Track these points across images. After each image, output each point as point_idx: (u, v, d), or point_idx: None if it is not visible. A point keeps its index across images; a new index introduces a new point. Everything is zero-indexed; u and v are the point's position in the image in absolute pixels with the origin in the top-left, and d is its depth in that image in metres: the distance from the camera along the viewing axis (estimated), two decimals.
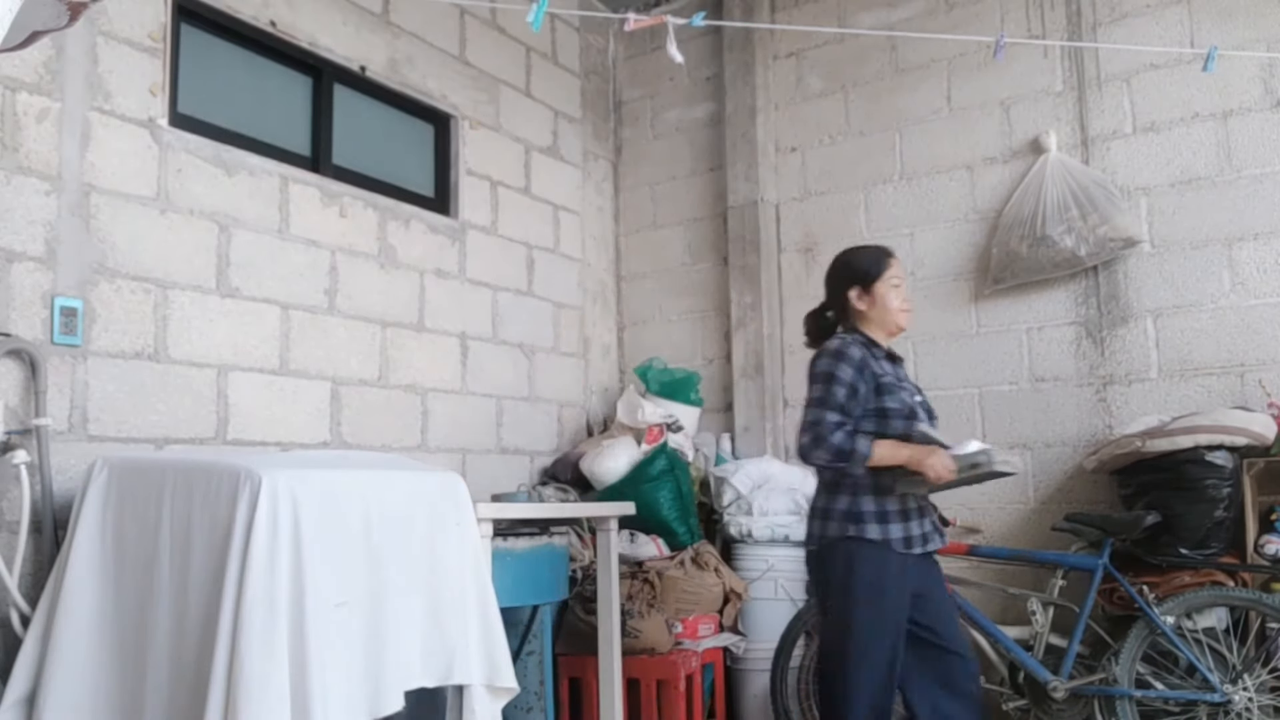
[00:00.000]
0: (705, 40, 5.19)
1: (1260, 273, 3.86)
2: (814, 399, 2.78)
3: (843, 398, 2.75)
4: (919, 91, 4.63)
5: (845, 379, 2.76)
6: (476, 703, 2.74)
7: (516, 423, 4.64)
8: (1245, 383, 3.82)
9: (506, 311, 4.66)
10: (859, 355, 2.81)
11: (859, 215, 4.77)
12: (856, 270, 2.97)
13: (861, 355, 2.82)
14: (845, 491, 2.80)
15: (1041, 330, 4.26)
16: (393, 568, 2.57)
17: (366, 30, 4.09)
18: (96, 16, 3.09)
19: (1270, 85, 3.89)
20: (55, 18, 1.95)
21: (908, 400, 2.88)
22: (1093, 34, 4.22)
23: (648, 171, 5.44)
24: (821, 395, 2.76)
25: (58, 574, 2.57)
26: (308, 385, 3.69)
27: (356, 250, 3.94)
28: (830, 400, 2.74)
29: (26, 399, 2.83)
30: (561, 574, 3.55)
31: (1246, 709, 3.27)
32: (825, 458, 2.71)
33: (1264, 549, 3.43)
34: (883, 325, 2.95)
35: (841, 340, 2.86)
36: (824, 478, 2.87)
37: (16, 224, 2.88)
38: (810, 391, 2.81)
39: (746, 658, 4.23)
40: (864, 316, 2.95)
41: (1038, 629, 3.63)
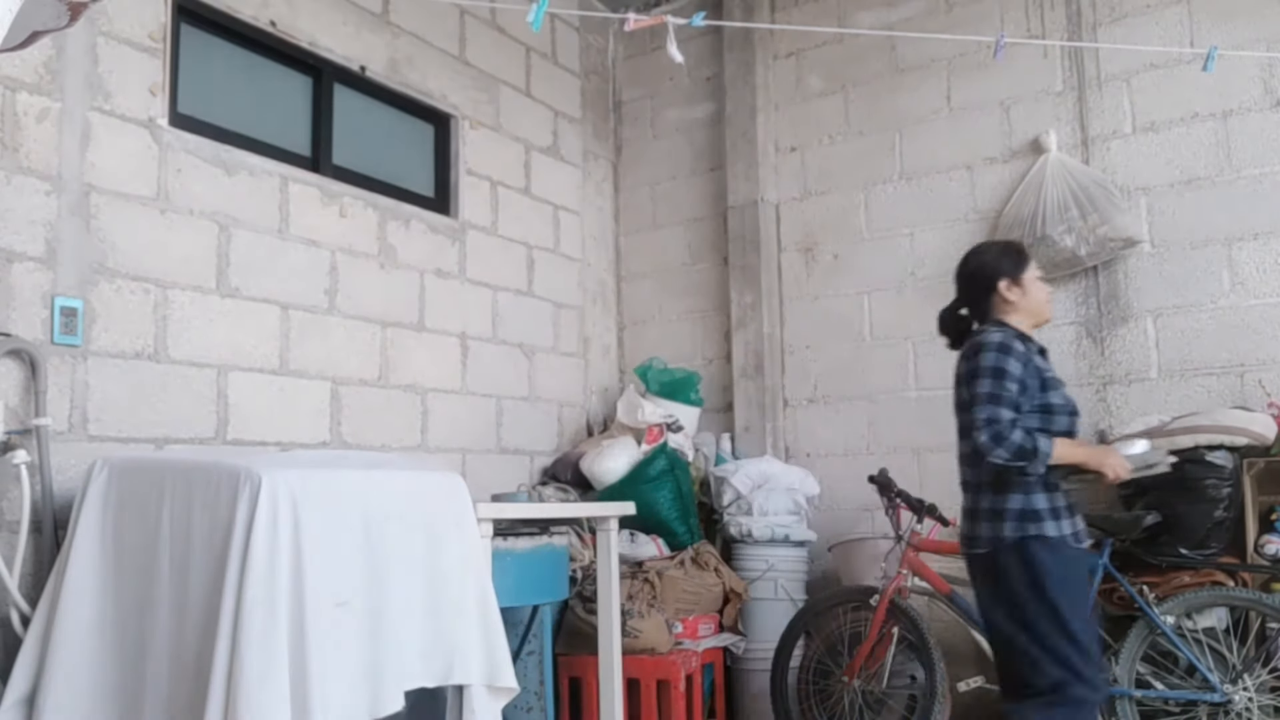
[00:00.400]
0: (705, 40, 5.19)
1: (1260, 273, 3.86)
2: (985, 394, 2.63)
3: (1015, 393, 2.63)
4: (919, 91, 4.63)
5: (1015, 373, 2.64)
6: (476, 703, 2.74)
7: (516, 423, 4.64)
8: (1245, 383, 3.82)
9: (506, 311, 4.66)
10: (1022, 349, 2.70)
11: (859, 215, 4.77)
12: (1005, 262, 2.87)
13: (1024, 349, 2.71)
14: (1016, 490, 2.65)
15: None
16: (393, 568, 2.57)
17: (366, 30, 4.09)
18: (96, 16, 3.09)
19: (1270, 85, 3.89)
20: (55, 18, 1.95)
21: (1069, 396, 2.78)
22: (1093, 34, 4.22)
23: (648, 171, 5.44)
24: (993, 390, 2.62)
25: (58, 574, 2.57)
26: (308, 385, 3.68)
27: (356, 250, 3.94)
28: (1004, 396, 2.61)
29: (26, 399, 2.83)
30: (561, 574, 3.55)
31: (1246, 709, 3.26)
32: (1005, 456, 2.57)
33: (1264, 549, 3.43)
34: (1032, 315, 2.86)
35: (1002, 333, 2.73)
36: (984, 476, 2.70)
37: (17, 224, 2.88)
38: (976, 386, 2.65)
39: (746, 658, 4.24)
40: (1013, 308, 2.84)
41: None
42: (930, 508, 3.85)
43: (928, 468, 4.46)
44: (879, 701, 3.78)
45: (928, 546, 3.80)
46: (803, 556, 4.42)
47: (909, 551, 3.77)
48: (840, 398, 4.74)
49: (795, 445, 4.83)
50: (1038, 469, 2.61)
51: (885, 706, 3.80)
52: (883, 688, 3.75)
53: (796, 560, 4.38)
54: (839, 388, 4.74)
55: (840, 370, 4.74)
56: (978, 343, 2.74)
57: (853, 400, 4.70)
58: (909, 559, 3.76)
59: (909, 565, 3.75)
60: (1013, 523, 2.64)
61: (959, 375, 2.79)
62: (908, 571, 3.75)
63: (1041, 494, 2.66)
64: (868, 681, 3.74)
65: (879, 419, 4.62)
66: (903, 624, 3.72)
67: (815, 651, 3.98)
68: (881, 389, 4.63)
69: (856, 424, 4.68)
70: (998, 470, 2.63)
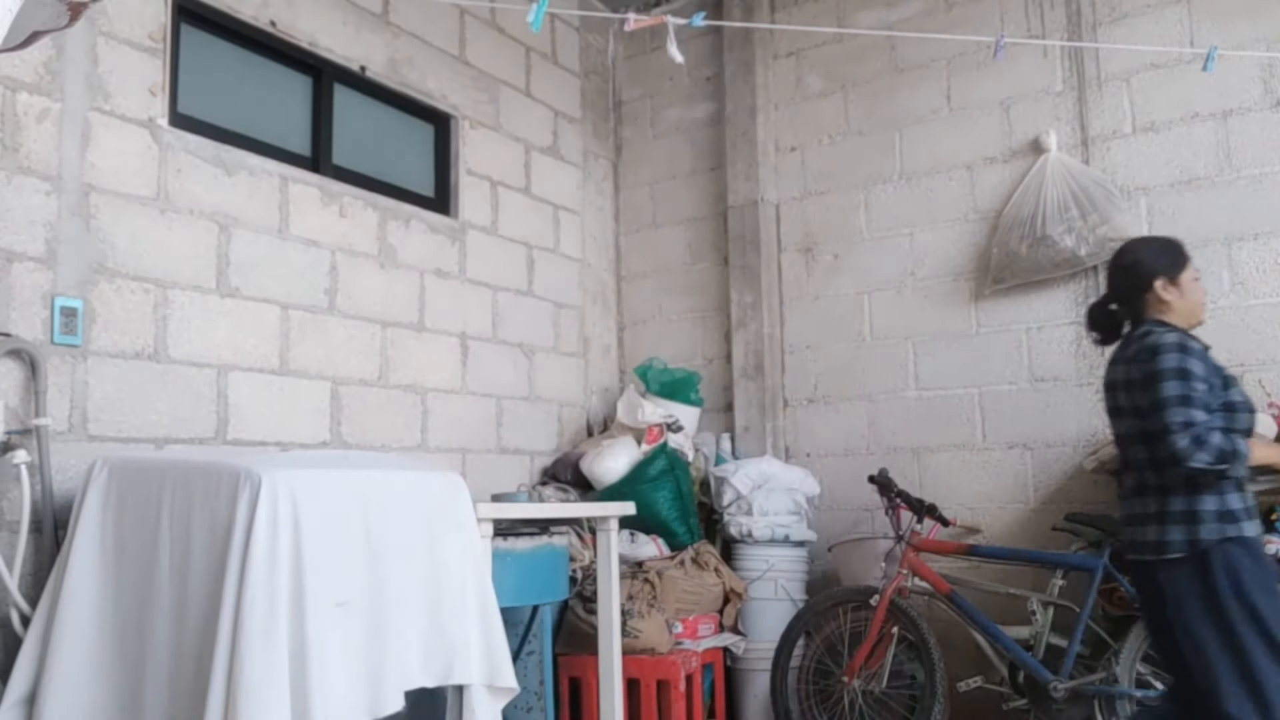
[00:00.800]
0: (705, 40, 5.19)
1: (1260, 273, 3.86)
2: (1174, 397, 2.52)
3: (1203, 393, 2.54)
4: (918, 91, 4.64)
5: (1199, 373, 2.55)
6: (476, 703, 2.74)
7: (516, 423, 4.64)
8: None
9: (506, 311, 4.66)
10: (1199, 347, 2.61)
11: (859, 215, 4.77)
12: (1163, 260, 2.77)
13: (1200, 347, 2.62)
14: (1209, 490, 2.55)
15: (1041, 330, 4.26)
16: (393, 568, 2.57)
17: (366, 30, 4.09)
18: (96, 16, 3.09)
19: (1270, 85, 3.89)
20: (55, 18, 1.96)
21: (1245, 392, 2.70)
22: (1093, 34, 4.22)
23: (648, 171, 5.44)
24: (1183, 393, 2.52)
25: (58, 574, 2.57)
26: (308, 385, 3.68)
27: (356, 250, 3.94)
28: (1194, 398, 2.52)
29: (26, 399, 2.83)
30: (561, 574, 3.55)
31: None
32: (1208, 460, 2.46)
33: None
34: (1188, 317, 2.75)
35: (1178, 334, 2.64)
36: (1171, 479, 2.59)
37: (17, 224, 2.87)
38: (1162, 390, 2.54)
39: (746, 658, 4.24)
40: (1169, 308, 2.74)
41: (1038, 629, 3.63)
42: (930, 508, 3.86)
43: (928, 468, 4.46)
44: (879, 701, 3.78)
45: (928, 546, 3.81)
46: (803, 556, 4.43)
47: (909, 551, 3.77)
48: (840, 398, 4.74)
49: (795, 445, 4.83)
50: (1240, 471, 2.54)
51: (885, 706, 3.81)
52: (883, 688, 3.76)
53: (796, 560, 4.38)
54: (839, 388, 4.74)
55: (840, 370, 4.74)
56: (1152, 344, 2.63)
57: (853, 400, 4.70)
58: (909, 559, 3.76)
59: (909, 565, 3.76)
60: (1211, 524, 2.53)
61: (1129, 380, 2.67)
62: (908, 571, 3.76)
63: (1235, 494, 2.57)
64: (868, 681, 3.75)
65: (879, 419, 4.62)
66: (903, 624, 3.72)
67: (815, 651, 3.98)
68: (881, 389, 4.63)
69: (856, 424, 4.68)
70: (1192, 474, 2.52)
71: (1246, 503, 2.58)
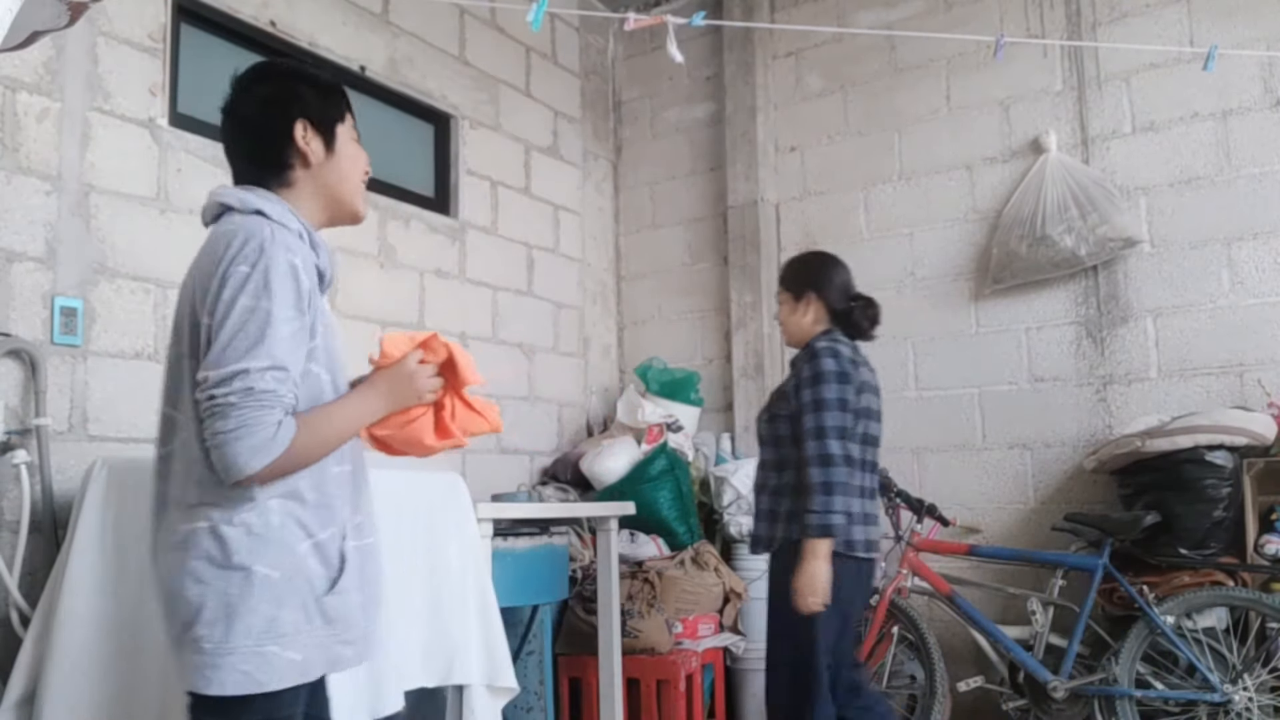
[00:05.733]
0: (705, 40, 5.19)
1: (1260, 272, 3.86)
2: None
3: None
4: (918, 91, 4.64)
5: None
6: (476, 703, 2.74)
7: (516, 423, 4.64)
8: (1245, 383, 3.82)
9: (506, 311, 4.66)
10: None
11: (859, 215, 4.77)
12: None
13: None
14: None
15: (1041, 330, 4.26)
16: (392, 568, 2.57)
17: (366, 30, 4.09)
18: (96, 16, 3.09)
19: (1270, 85, 3.89)
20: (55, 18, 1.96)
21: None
22: (1092, 33, 4.22)
23: (648, 171, 5.44)
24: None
25: (57, 574, 2.57)
26: None
27: (356, 250, 3.94)
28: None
29: (26, 399, 2.83)
30: (561, 574, 3.55)
31: (1246, 709, 3.27)
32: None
33: (1264, 549, 3.43)
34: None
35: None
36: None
37: (16, 224, 2.87)
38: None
39: (746, 658, 4.23)
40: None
41: (1038, 629, 3.63)
42: (930, 508, 3.86)
43: (928, 468, 4.46)
44: None
45: (927, 546, 3.81)
46: None
47: (909, 551, 3.77)
48: None
49: None
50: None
51: None
52: (883, 688, 3.76)
53: None
54: None
55: None
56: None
57: None
58: (909, 559, 3.76)
59: (909, 565, 3.76)
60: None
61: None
62: (908, 571, 3.76)
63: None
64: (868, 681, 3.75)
65: None
66: (903, 624, 3.72)
67: None
68: (881, 389, 4.61)
69: None
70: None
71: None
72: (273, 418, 1.50)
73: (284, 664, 1.55)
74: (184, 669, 1.54)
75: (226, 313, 1.50)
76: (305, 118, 1.75)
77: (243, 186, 1.72)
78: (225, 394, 1.47)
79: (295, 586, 1.57)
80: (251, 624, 1.52)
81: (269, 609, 1.54)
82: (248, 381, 1.48)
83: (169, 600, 1.57)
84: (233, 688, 1.51)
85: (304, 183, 1.75)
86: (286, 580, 1.56)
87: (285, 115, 1.74)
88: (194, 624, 1.52)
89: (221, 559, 1.52)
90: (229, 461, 1.48)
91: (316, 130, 1.76)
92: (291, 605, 1.56)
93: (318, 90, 1.79)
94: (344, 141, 1.80)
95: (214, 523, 1.53)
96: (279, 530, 1.57)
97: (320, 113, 1.77)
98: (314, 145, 1.75)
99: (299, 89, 1.77)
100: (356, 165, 1.83)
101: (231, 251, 1.54)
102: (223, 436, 1.47)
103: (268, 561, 1.54)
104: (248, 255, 1.54)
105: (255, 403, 1.49)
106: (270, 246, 1.56)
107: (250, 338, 1.50)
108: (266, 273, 1.53)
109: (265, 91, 1.76)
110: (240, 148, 1.79)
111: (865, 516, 2.79)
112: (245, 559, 1.53)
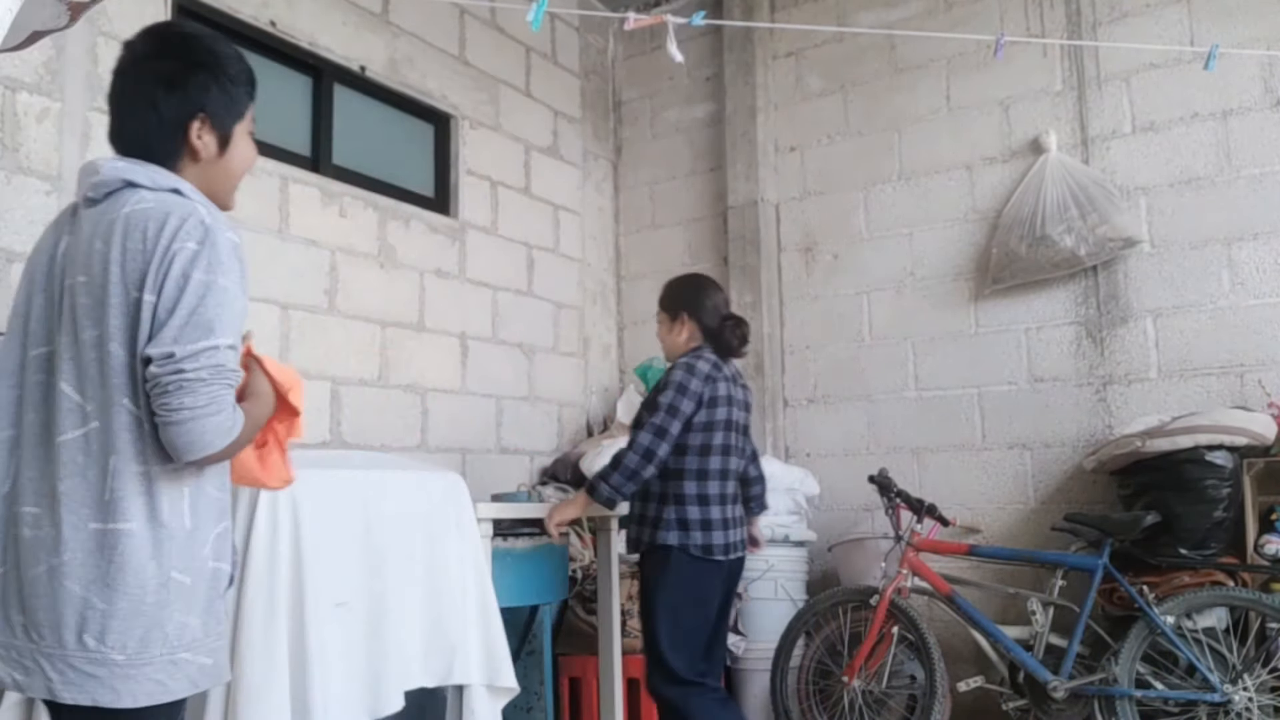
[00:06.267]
0: (705, 40, 5.19)
1: (1260, 273, 3.86)
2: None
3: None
4: (918, 91, 4.64)
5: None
6: (476, 703, 2.73)
7: (516, 423, 4.64)
8: (1245, 383, 3.82)
9: (506, 311, 4.66)
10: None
11: (859, 215, 4.77)
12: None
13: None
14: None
15: (1041, 330, 4.26)
16: (393, 568, 2.57)
17: (366, 30, 4.09)
18: (96, 16, 3.09)
19: (1270, 85, 3.89)
20: (55, 18, 1.96)
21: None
22: (1093, 33, 4.22)
23: (648, 171, 5.44)
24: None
25: None
26: (307, 385, 3.67)
27: (356, 250, 3.94)
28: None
29: None
30: (561, 574, 3.55)
31: (1246, 709, 3.26)
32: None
33: (1264, 549, 3.43)
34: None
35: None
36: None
37: (16, 224, 2.87)
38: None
39: (746, 658, 4.23)
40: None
41: (1038, 629, 3.63)
42: (930, 508, 3.85)
43: (927, 468, 4.46)
44: (879, 701, 3.78)
45: (927, 546, 3.80)
46: (803, 556, 4.42)
47: (909, 551, 3.77)
48: (840, 398, 4.74)
49: (795, 445, 4.83)
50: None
51: (885, 706, 3.81)
52: (883, 688, 3.76)
53: (796, 560, 4.38)
54: (839, 388, 4.74)
55: (840, 370, 4.74)
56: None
57: (852, 400, 4.70)
58: (909, 559, 3.76)
59: (909, 565, 3.75)
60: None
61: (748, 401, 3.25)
62: (908, 571, 3.75)
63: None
64: (868, 681, 3.74)
65: (879, 419, 4.62)
66: (903, 624, 3.72)
67: (815, 652, 3.98)
68: (881, 389, 4.63)
69: (856, 424, 4.68)
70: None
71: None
72: (232, 396, 1.48)
73: (195, 669, 1.50)
74: (79, 682, 1.42)
75: (180, 288, 1.44)
76: (205, 113, 1.61)
77: (136, 161, 1.58)
78: (196, 369, 1.42)
79: (199, 590, 1.51)
80: (168, 632, 1.46)
81: (181, 616, 1.48)
82: (217, 358, 1.44)
83: (58, 607, 1.43)
84: (145, 699, 1.44)
85: (186, 172, 1.61)
86: (195, 585, 1.51)
87: (184, 105, 1.60)
88: (104, 633, 1.42)
89: (137, 564, 1.44)
90: (195, 438, 1.43)
91: (213, 129, 1.63)
92: (198, 610, 1.51)
93: (226, 85, 1.64)
94: (238, 140, 1.67)
95: (132, 524, 1.45)
96: (192, 533, 1.51)
97: (223, 110, 1.63)
98: (207, 142, 1.62)
99: (206, 81, 1.61)
100: (245, 163, 1.70)
101: (170, 228, 1.47)
102: (191, 412, 1.41)
103: (181, 566, 1.49)
104: (191, 232, 1.47)
105: (223, 381, 1.46)
106: (212, 224, 1.50)
107: (210, 313, 1.45)
108: (215, 249, 1.48)
109: (168, 70, 1.59)
110: (126, 118, 1.62)
111: (705, 523, 2.99)
112: (163, 564, 1.46)
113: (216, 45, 1.66)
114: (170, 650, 1.47)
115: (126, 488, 1.46)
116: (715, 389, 3.01)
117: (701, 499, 3.00)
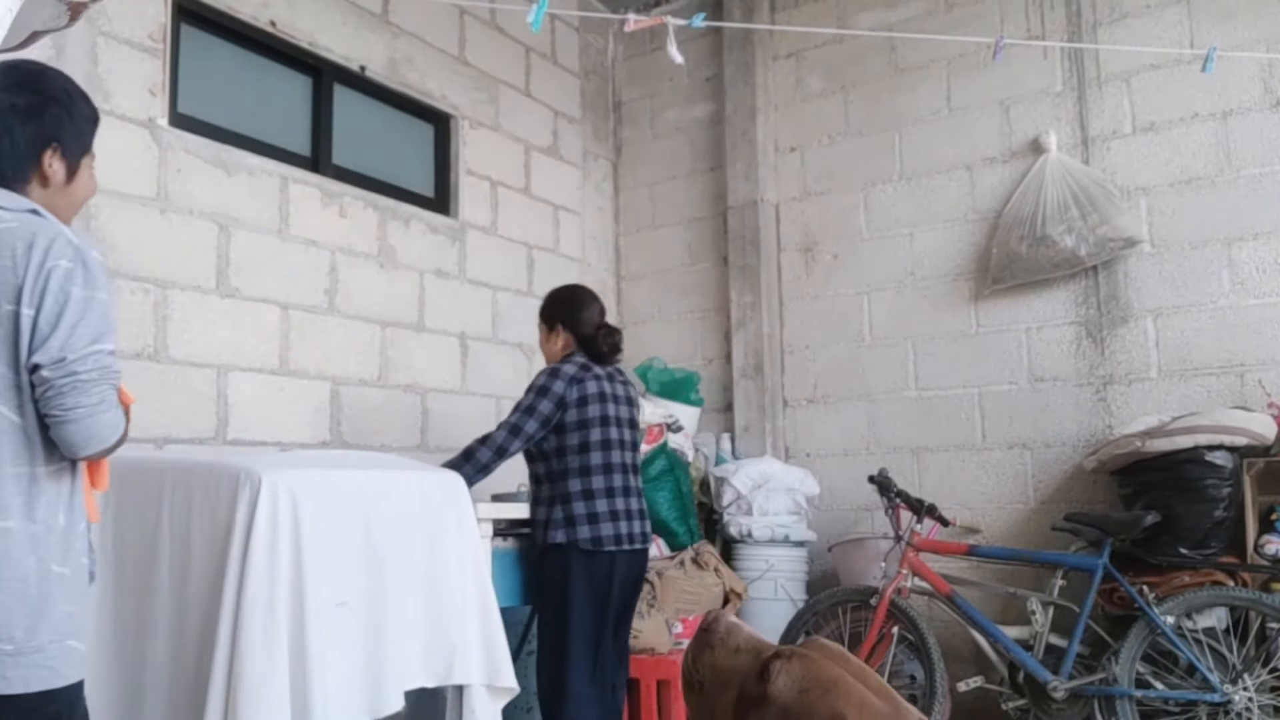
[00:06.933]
0: (705, 40, 5.19)
1: (1260, 273, 3.86)
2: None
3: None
4: (918, 92, 4.64)
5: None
6: (476, 703, 2.73)
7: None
8: (1245, 383, 3.82)
9: (506, 311, 4.66)
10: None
11: (859, 215, 4.77)
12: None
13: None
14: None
15: (1041, 330, 4.26)
16: (393, 568, 2.57)
17: (366, 30, 4.09)
18: (96, 16, 3.09)
19: (1270, 85, 3.89)
20: (55, 18, 1.96)
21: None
22: (1093, 34, 4.22)
23: (648, 171, 5.44)
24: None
25: None
26: (307, 385, 3.68)
27: (356, 250, 3.94)
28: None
29: None
30: None
31: (1246, 709, 3.27)
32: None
33: (1264, 549, 3.43)
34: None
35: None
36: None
37: None
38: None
39: None
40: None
41: (1038, 629, 3.63)
42: (930, 508, 3.85)
43: (927, 468, 4.46)
44: None
45: (928, 546, 3.80)
46: (803, 556, 4.43)
47: (909, 551, 3.77)
48: (840, 398, 4.74)
49: (795, 445, 4.83)
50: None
51: None
52: None
53: (796, 560, 4.38)
54: (839, 388, 4.74)
55: (840, 370, 4.74)
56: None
57: (852, 400, 4.70)
58: (909, 559, 3.76)
59: (909, 565, 3.75)
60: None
61: (630, 398, 3.38)
62: (908, 571, 3.75)
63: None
64: None
65: (879, 419, 4.63)
66: (903, 624, 3.72)
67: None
68: (881, 389, 4.63)
69: (856, 424, 4.68)
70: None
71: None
72: (116, 396, 1.64)
73: (79, 656, 1.64)
74: None
75: (61, 303, 1.57)
76: (58, 143, 1.75)
77: None
78: (87, 370, 1.57)
79: (79, 582, 1.65)
80: (55, 621, 1.59)
81: (66, 605, 1.61)
82: (104, 360, 1.60)
83: None
84: (37, 684, 1.55)
85: (34, 196, 1.73)
86: (75, 577, 1.64)
87: (39, 136, 1.73)
88: None
89: (16, 558, 1.55)
90: (89, 434, 1.58)
91: (64, 158, 1.76)
92: (78, 600, 1.65)
93: (77, 119, 1.79)
94: (83, 171, 1.82)
95: (10, 522, 1.55)
96: (67, 530, 1.64)
97: (73, 142, 1.78)
98: (57, 170, 1.75)
99: (59, 114, 1.76)
100: (87, 192, 1.86)
101: (40, 247, 1.59)
102: (88, 409, 1.57)
103: (60, 560, 1.61)
104: (63, 251, 1.60)
105: (109, 381, 1.62)
106: (80, 244, 1.63)
107: (93, 323, 1.60)
108: (88, 268, 1.62)
109: (25, 102, 1.72)
110: None
111: (592, 516, 3.08)
112: (42, 558, 1.58)
113: (69, 84, 1.83)
114: (60, 637, 1.60)
115: (6, 489, 1.57)
116: (584, 388, 3.17)
117: (586, 494, 3.10)
